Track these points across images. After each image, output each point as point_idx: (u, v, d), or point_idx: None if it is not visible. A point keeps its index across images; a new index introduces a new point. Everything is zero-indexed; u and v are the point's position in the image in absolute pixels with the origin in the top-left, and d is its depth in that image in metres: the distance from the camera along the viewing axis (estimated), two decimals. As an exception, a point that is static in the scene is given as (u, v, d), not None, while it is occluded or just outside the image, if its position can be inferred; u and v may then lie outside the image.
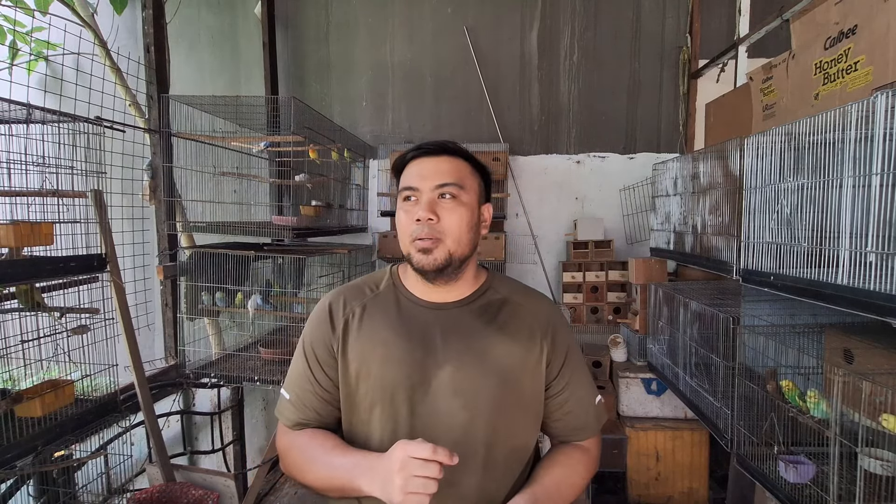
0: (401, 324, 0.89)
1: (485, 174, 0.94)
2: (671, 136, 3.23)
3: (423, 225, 0.84)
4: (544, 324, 0.92)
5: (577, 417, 0.95)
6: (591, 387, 0.97)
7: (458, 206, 0.86)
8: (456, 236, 0.85)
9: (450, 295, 0.91)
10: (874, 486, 1.21)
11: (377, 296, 0.93)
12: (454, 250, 0.85)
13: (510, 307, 0.92)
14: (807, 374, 1.51)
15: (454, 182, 0.86)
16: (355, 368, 0.88)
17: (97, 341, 1.75)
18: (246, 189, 2.86)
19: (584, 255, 3.06)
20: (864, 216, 1.11)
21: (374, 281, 0.97)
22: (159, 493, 2.09)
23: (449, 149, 0.89)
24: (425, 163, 0.88)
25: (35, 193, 1.59)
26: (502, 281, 0.97)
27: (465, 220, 0.86)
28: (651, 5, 3.19)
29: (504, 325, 0.90)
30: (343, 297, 0.93)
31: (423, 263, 0.85)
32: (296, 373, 0.93)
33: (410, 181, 0.87)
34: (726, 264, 1.79)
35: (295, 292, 2.58)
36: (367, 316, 0.90)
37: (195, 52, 3.51)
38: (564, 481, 0.89)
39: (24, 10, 2.66)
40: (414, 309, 0.91)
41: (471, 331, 0.88)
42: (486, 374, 0.86)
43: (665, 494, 2.55)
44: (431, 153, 0.89)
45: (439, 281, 0.88)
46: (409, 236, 0.86)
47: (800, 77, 1.84)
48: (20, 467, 1.57)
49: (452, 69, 3.34)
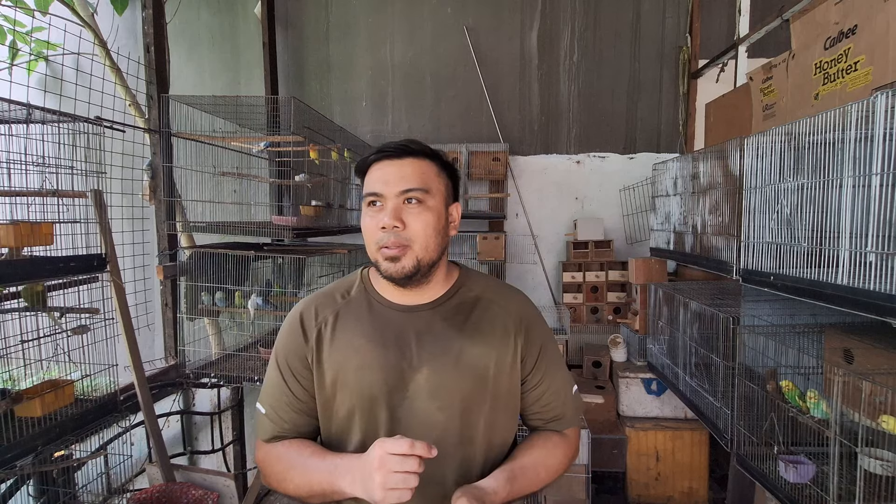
0: (374, 329, 0.88)
1: (452, 173, 0.93)
2: (671, 136, 3.23)
3: (388, 233, 0.82)
4: (517, 321, 0.92)
5: (555, 409, 0.96)
6: (566, 378, 0.98)
7: (424, 210, 0.84)
8: (423, 242, 0.84)
9: (421, 297, 0.90)
10: (874, 486, 1.21)
11: (349, 302, 0.92)
12: (422, 256, 0.84)
13: (482, 306, 0.92)
14: (807, 374, 1.51)
15: (419, 187, 0.84)
16: (331, 377, 0.87)
17: (97, 341, 1.75)
18: (246, 189, 2.86)
19: (584, 255, 3.07)
20: (864, 216, 1.12)
21: (345, 287, 0.95)
22: (159, 493, 2.09)
23: (412, 150, 0.87)
24: (388, 167, 0.85)
25: (35, 193, 1.59)
26: (473, 278, 0.96)
27: (431, 225, 0.84)
28: (651, 5, 3.19)
29: (477, 324, 0.89)
30: (314, 307, 0.92)
31: (391, 271, 0.83)
32: (270, 386, 0.92)
33: (374, 186, 0.85)
34: (726, 264, 1.79)
35: (295, 292, 2.58)
36: (340, 323, 0.89)
37: (195, 52, 3.51)
38: (542, 462, 0.91)
39: (24, 10, 2.66)
40: (387, 313, 0.90)
41: (444, 332, 0.88)
42: (462, 376, 0.86)
43: (665, 494, 2.55)
44: (394, 156, 0.86)
45: (409, 286, 0.87)
46: (375, 244, 0.85)
47: (800, 77, 1.84)
48: (20, 467, 1.57)
49: (452, 69, 3.34)
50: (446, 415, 0.85)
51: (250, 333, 2.76)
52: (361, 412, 0.86)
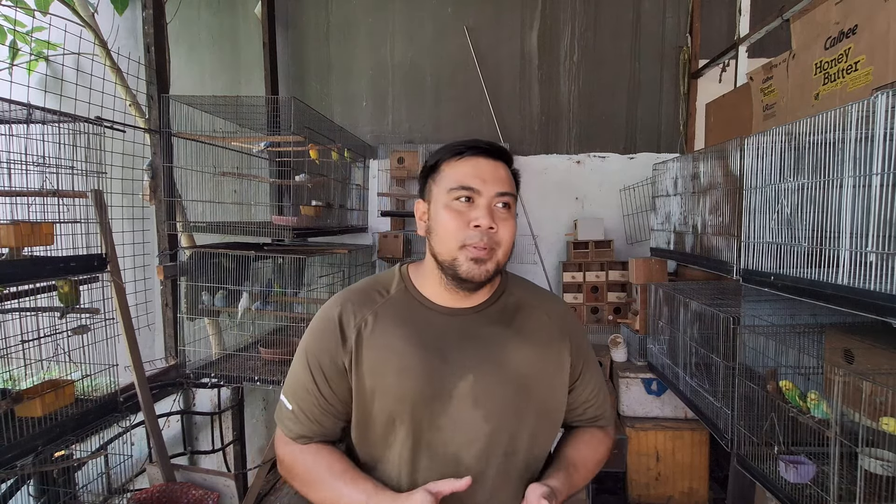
0: (416, 332, 0.83)
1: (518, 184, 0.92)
2: (671, 136, 3.23)
3: (482, 233, 0.78)
4: (560, 327, 0.90)
5: (596, 408, 0.97)
6: (601, 376, 0.99)
7: (510, 217, 0.82)
8: (506, 249, 0.82)
9: (467, 300, 0.86)
10: (874, 486, 1.21)
11: (388, 301, 0.86)
12: (501, 261, 0.82)
13: (525, 311, 0.89)
14: (807, 374, 1.51)
15: (512, 192, 0.82)
16: (371, 382, 0.81)
17: (97, 341, 1.76)
18: (246, 189, 2.86)
19: (584, 255, 3.06)
20: (864, 216, 1.11)
21: (383, 284, 0.89)
22: (159, 493, 2.09)
23: (504, 153, 0.85)
24: (484, 164, 0.81)
25: (35, 193, 1.59)
26: (516, 282, 0.94)
27: (513, 233, 0.83)
28: (651, 5, 3.19)
29: (520, 330, 0.86)
30: (352, 305, 0.85)
31: (474, 274, 0.78)
32: (299, 384, 0.86)
33: (469, 181, 0.79)
34: (726, 264, 1.79)
35: (295, 292, 2.58)
36: (380, 325, 0.83)
37: (195, 52, 3.51)
38: (591, 458, 0.93)
39: (25, 10, 2.66)
40: (429, 315, 0.85)
41: (488, 337, 0.84)
42: (506, 383, 0.82)
43: (665, 494, 2.55)
44: (490, 154, 0.83)
45: (478, 290, 0.84)
46: (458, 241, 0.79)
47: (800, 77, 1.84)
48: (20, 467, 1.57)
49: (452, 69, 3.34)
50: (492, 426, 0.81)
51: (250, 333, 2.76)
52: (401, 419, 0.80)
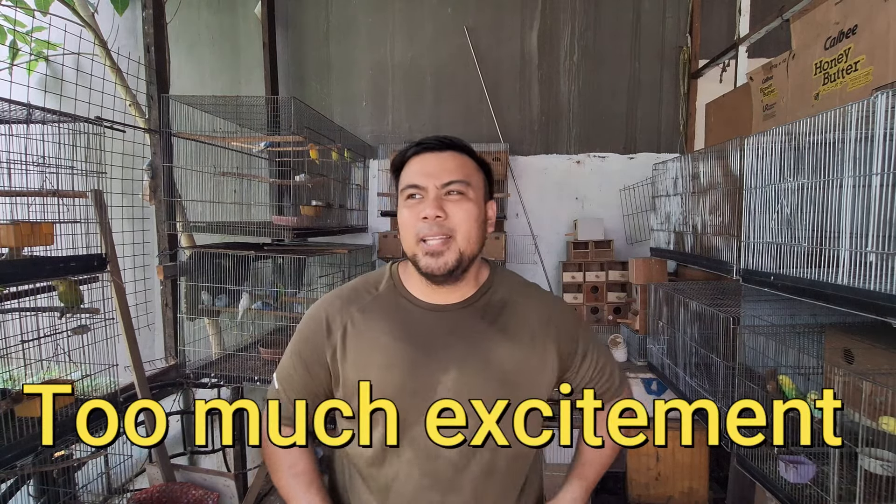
0: (401, 327, 0.85)
1: (487, 171, 0.92)
2: (671, 136, 3.23)
3: (430, 223, 0.80)
4: (546, 323, 0.90)
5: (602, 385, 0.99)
6: (603, 356, 0.99)
7: (466, 201, 0.83)
8: (465, 232, 0.82)
9: (452, 296, 0.88)
10: (874, 486, 1.21)
11: (376, 298, 0.90)
12: (464, 248, 0.82)
13: (510, 307, 0.90)
14: (807, 374, 1.51)
15: (461, 179, 0.83)
16: (354, 376, 0.85)
17: (97, 341, 1.75)
18: (246, 189, 2.86)
19: (584, 255, 3.06)
20: (864, 216, 1.12)
21: (373, 282, 0.93)
22: (159, 493, 2.09)
23: (454, 144, 0.86)
24: (429, 159, 0.84)
25: (35, 193, 1.59)
26: (502, 278, 0.94)
27: (472, 216, 0.83)
28: (651, 5, 3.19)
29: (505, 326, 0.87)
30: (341, 302, 0.90)
31: (433, 268, 0.81)
32: (285, 369, 0.94)
33: (414, 179, 0.83)
34: (726, 264, 1.79)
35: (295, 292, 2.58)
36: (366, 321, 0.87)
37: (195, 52, 3.51)
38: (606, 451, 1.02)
39: (25, 10, 2.66)
40: (415, 311, 0.87)
41: (473, 333, 0.86)
42: (489, 378, 0.84)
43: (665, 494, 2.55)
44: (434, 149, 0.85)
45: (447, 283, 0.85)
46: (414, 236, 0.82)
47: (800, 77, 1.84)
48: (20, 467, 1.57)
49: (452, 69, 3.34)
50: (474, 420, 0.83)
51: (250, 333, 2.76)
52: (387, 412, 0.84)
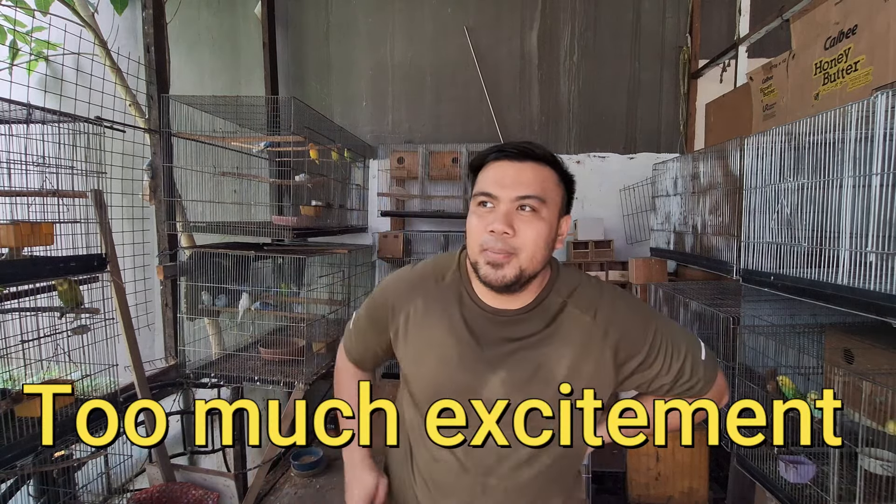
0: (458, 324, 0.87)
1: (569, 184, 0.89)
2: (671, 136, 3.23)
3: (496, 238, 0.78)
4: (603, 330, 0.86)
5: (683, 386, 0.91)
6: (688, 351, 0.90)
7: (537, 220, 0.79)
8: (530, 253, 0.79)
9: (512, 302, 0.86)
10: (874, 486, 1.21)
11: (441, 288, 0.90)
12: (525, 267, 0.79)
13: (567, 312, 0.87)
14: (807, 374, 1.51)
15: (536, 195, 0.79)
16: (413, 357, 0.91)
17: (97, 341, 1.75)
18: (246, 189, 2.86)
19: (584, 255, 3.06)
20: (864, 216, 1.12)
21: (442, 269, 0.93)
22: (159, 493, 2.10)
23: (534, 154, 0.82)
24: (506, 168, 0.81)
25: (35, 193, 1.59)
26: (564, 280, 0.90)
27: (542, 236, 0.80)
28: (651, 5, 3.19)
29: (558, 331, 0.86)
30: (406, 287, 0.93)
31: (491, 279, 0.80)
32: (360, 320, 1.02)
33: (487, 187, 0.81)
34: (726, 264, 1.79)
35: (296, 292, 2.59)
36: (427, 311, 0.90)
37: (195, 52, 3.51)
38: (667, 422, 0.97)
39: (25, 10, 2.66)
40: (474, 310, 0.87)
41: (526, 337, 0.85)
42: (538, 380, 0.84)
43: (665, 494, 2.55)
44: (514, 157, 0.82)
45: (503, 294, 0.84)
46: (478, 245, 0.80)
47: (800, 77, 1.84)
48: (20, 467, 1.57)
49: (452, 69, 3.34)
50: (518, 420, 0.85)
51: (250, 333, 2.76)
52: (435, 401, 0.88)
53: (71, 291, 1.70)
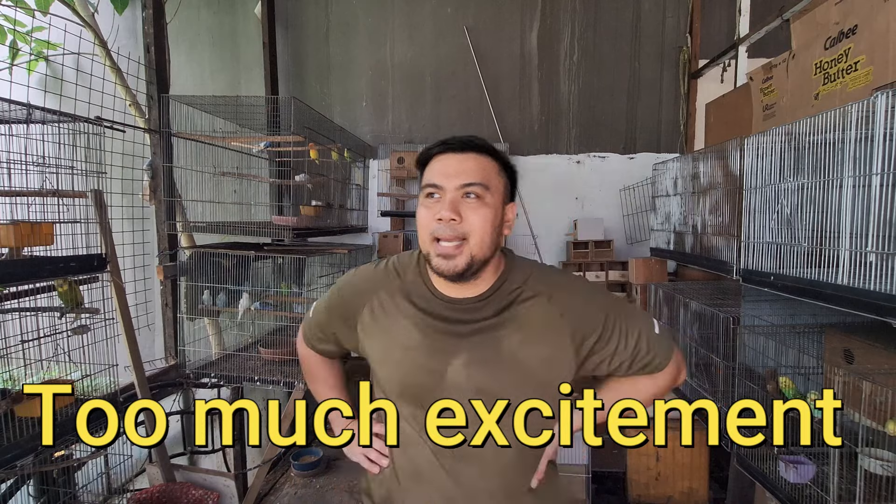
0: (419, 315, 0.91)
1: (511, 173, 0.93)
2: (671, 136, 3.23)
3: (445, 225, 0.83)
4: (560, 312, 0.89)
5: (639, 362, 0.94)
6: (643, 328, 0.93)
7: (482, 206, 0.84)
8: (479, 237, 0.84)
9: (468, 291, 0.90)
10: (874, 486, 1.21)
11: (402, 282, 0.95)
12: (476, 252, 0.84)
13: (522, 298, 0.91)
14: (807, 374, 1.51)
15: (479, 182, 0.84)
16: (377, 353, 0.94)
17: (97, 341, 1.75)
18: (246, 189, 2.86)
19: (584, 255, 3.06)
20: (864, 216, 1.12)
21: (402, 265, 0.98)
22: (159, 493, 2.10)
23: (475, 145, 0.88)
24: (450, 159, 0.87)
25: (35, 193, 1.59)
26: (519, 269, 0.94)
27: (489, 221, 0.84)
28: (651, 5, 3.19)
29: (515, 316, 0.89)
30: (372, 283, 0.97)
31: (443, 269, 0.84)
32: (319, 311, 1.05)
33: (433, 178, 0.86)
34: (726, 264, 1.79)
35: (298, 293, 2.58)
36: (389, 304, 0.94)
37: (195, 52, 3.51)
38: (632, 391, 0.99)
39: (25, 10, 2.66)
40: (433, 301, 0.92)
41: (485, 323, 0.89)
42: (498, 363, 0.87)
43: (665, 494, 2.55)
44: (457, 149, 0.87)
45: (458, 283, 0.88)
46: (429, 234, 0.85)
47: (800, 77, 1.84)
48: (20, 467, 1.57)
49: (452, 69, 3.34)
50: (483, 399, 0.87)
51: (250, 333, 2.76)
52: (402, 390, 0.92)
53: (71, 292, 1.70)
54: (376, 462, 0.99)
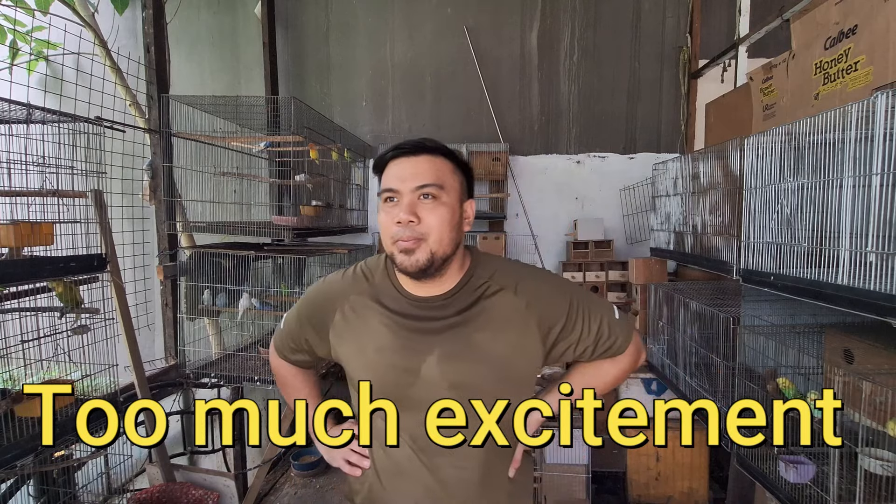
0: (390, 315, 0.93)
1: (466, 170, 0.95)
2: (671, 136, 3.23)
3: (403, 227, 0.85)
4: (525, 304, 0.93)
5: (602, 346, 0.98)
6: (604, 314, 0.98)
7: (439, 205, 0.87)
8: (437, 236, 0.86)
9: (435, 289, 0.93)
10: (874, 486, 1.21)
11: (371, 285, 0.98)
12: (436, 249, 0.86)
13: (489, 293, 0.94)
14: (807, 374, 1.51)
15: (434, 182, 0.86)
16: (351, 356, 0.96)
17: (97, 341, 1.75)
18: (246, 189, 2.87)
19: (584, 255, 3.06)
20: (864, 216, 1.12)
21: (371, 269, 1.00)
22: (159, 493, 2.10)
23: (427, 147, 0.90)
24: (404, 163, 0.89)
25: (35, 193, 1.59)
26: (484, 265, 0.97)
27: (446, 220, 0.87)
28: (651, 5, 3.19)
29: (482, 311, 0.92)
30: (342, 286, 1.00)
31: (406, 265, 0.87)
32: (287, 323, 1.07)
33: (390, 182, 0.88)
34: (726, 264, 1.79)
35: (298, 292, 2.58)
36: (360, 307, 0.96)
37: (195, 52, 3.51)
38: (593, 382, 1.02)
39: (25, 10, 2.66)
40: (402, 301, 0.94)
41: (454, 322, 0.91)
42: (469, 359, 0.90)
43: (665, 494, 2.55)
44: (409, 153, 0.89)
45: (423, 279, 0.90)
46: (390, 238, 0.88)
47: (800, 77, 1.84)
48: (20, 467, 1.57)
49: (452, 69, 3.34)
50: (456, 393, 0.90)
51: (250, 334, 2.76)
52: (377, 388, 0.93)
53: (69, 293, 1.70)
54: (357, 465, 1.01)
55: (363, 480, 1.02)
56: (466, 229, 0.93)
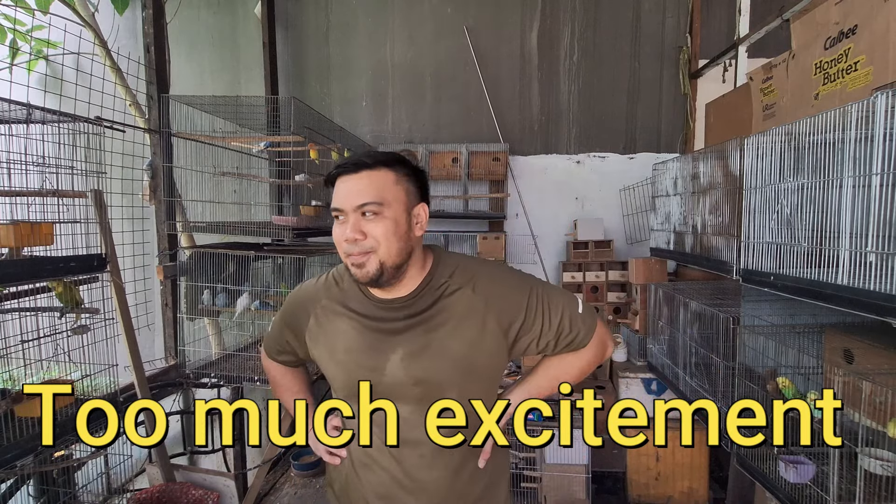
0: (357, 317, 0.99)
1: (417, 174, 0.97)
2: (671, 136, 3.23)
3: (351, 244, 0.90)
4: (484, 301, 0.96)
5: (564, 339, 1.01)
6: (566, 307, 1.00)
7: (381, 220, 0.89)
8: (385, 248, 0.90)
9: (398, 292, 0.97)
10: (874, 486, 1.21)
11: (340, 290, 1.04)
12: (385, 260, 0.90)
13: (448, 292, 0.97)
14: (807, 374, 1.51)
15: (373, 200, 0.89)
16: (325, 356, 1.02)
17: (97, 341, 1.75)
18: (246, 189, 2.86)
19: (584, 255, 3.07)
20: (864, 216, 1.12)
21: (340, 275, 1.06)
22: (159, 493, 2.10)
23: (366, 164, 0.91)
24: (346, 182, 0.92)
25: (35, 193, 1.59)
26: (444, 265, 1.00)
27: (390, 232, 0.90)
28: (651, 5, 3.19)
29: (444, 307, 0.96)
30: (314, 292, 1.06)
31: (359, 276, 0.92)
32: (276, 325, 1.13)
33: (336, 202, 0.92)
34: (726, 264, 1.79)
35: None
36: (330, 310, 1.03)
37: (195, 52, 3.51)
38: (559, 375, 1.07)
39: (25, 10, 2.66)
40: (368, 304, 1.00)
41: (417, 319, 0.96)
42: (432, 355, 0.94)
43: (665, 494, 2.55)
44: (351, 171, 0.92)
45: (379, 287, 0.94)
46: (343, 253, 0.93)
47: (800, 77, 1.84)
48: (20, 467, 1.57)
49: (452, 69, 3.34)
50: (421, 388, 0.95)
51: (250, 333, 2.76)
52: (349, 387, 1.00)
53: (69, 293, 1.70)
54: (336, 454, 1.08)
55: (341, 469, 1.08)
56: (419, 234, 0.96)
